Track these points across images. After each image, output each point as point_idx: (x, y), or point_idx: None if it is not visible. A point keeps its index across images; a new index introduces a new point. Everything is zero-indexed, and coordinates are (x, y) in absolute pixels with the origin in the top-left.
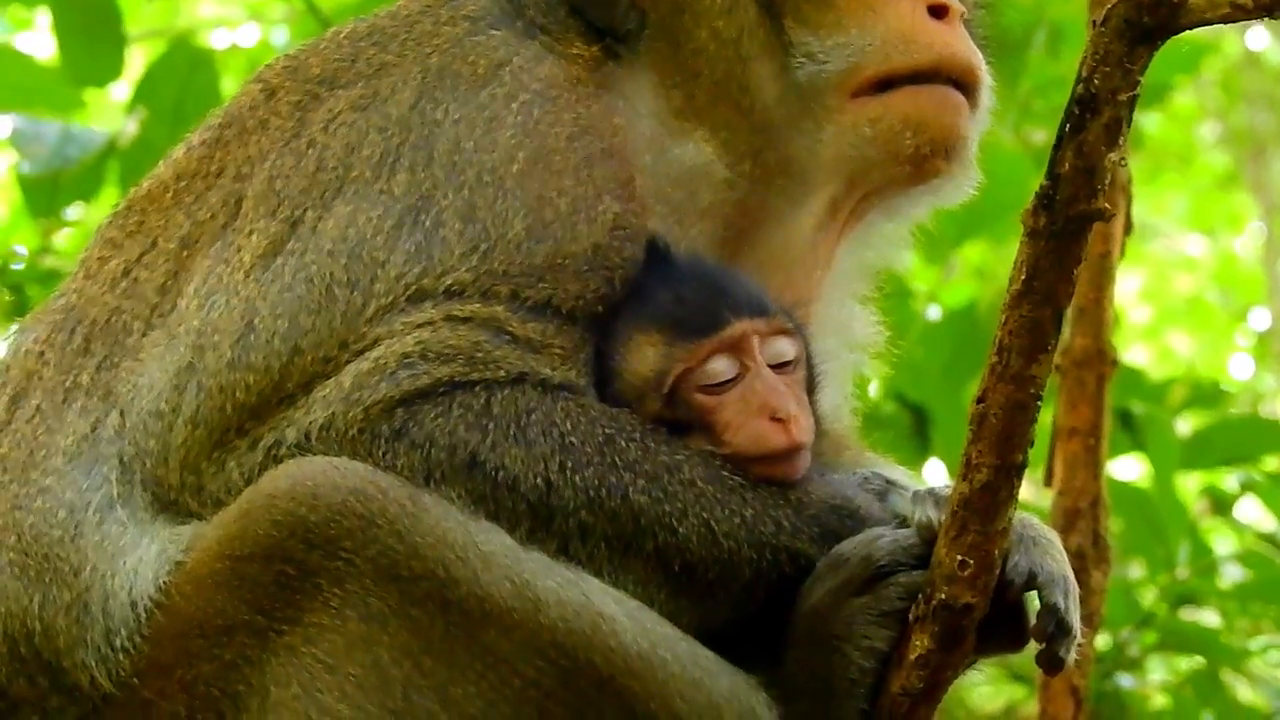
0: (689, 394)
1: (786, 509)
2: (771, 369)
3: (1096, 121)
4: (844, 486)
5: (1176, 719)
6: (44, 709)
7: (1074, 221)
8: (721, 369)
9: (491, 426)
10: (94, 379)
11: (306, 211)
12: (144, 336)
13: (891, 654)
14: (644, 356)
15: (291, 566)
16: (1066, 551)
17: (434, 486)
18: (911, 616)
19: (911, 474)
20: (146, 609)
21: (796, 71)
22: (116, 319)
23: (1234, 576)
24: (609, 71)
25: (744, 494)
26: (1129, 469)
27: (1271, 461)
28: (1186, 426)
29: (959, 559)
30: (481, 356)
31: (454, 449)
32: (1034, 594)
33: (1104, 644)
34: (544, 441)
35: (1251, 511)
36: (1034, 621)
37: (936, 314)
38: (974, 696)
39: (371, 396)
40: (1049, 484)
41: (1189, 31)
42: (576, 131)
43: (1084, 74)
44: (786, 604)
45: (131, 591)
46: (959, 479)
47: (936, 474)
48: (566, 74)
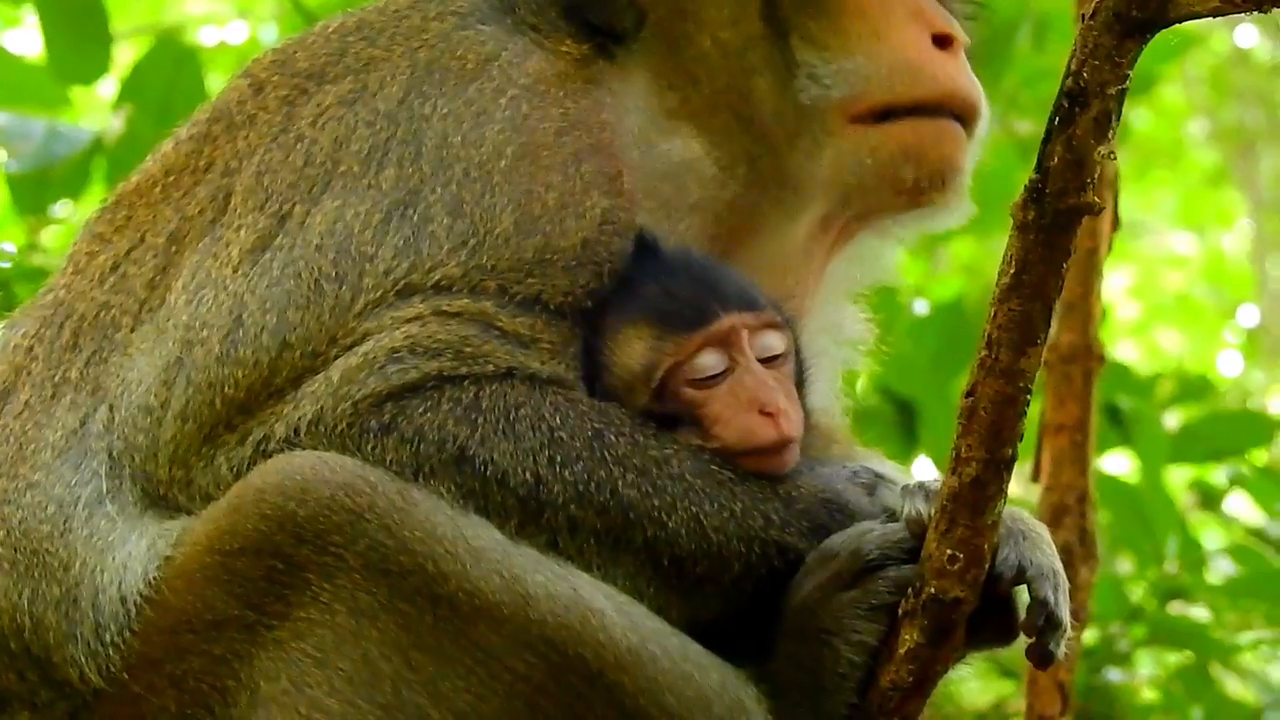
0: (678, 388)
1: (775, 503)
2: (761, 363)
3: (1085, 115)
4: (833, 480)
5: (1165, 714)
6: (33, 703)
7: (1063, 215)
8: (710, 363)
9: (480, 421)
10: (83, 374)
11: (294, 206)
12: (133, 331)
13: (881, 648)
14: (633, 350)
15: (280, 561)
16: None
17: (423, 481)
18: (901, 611)
19: (901, 468)
20: (136, 604)
21: (799, 92)
22: (105, 314)
23: (1223, 571)
24: (598, 69)
25: (733, 488)
26: (1117, 464)
27: (1260, 456)
28: (1174, 421)
29: (948, 553)
30: (470, 351)
31: (443, 443)
32: (1023, 588)
33: (1093, 639)
34: (533, 436)
35: (1240, 506)
36: (1023, 616)
37: (924, 308)
38: (962, 692)
39: (360, 391)
40: (1036, 479)
41: (1178, 25)
42: (565, 127)
43: (1073, 67)
44: (776, 598)
45: (121, 586)
46: (948, 473)
47: (924, 469)
48: (555, 69)
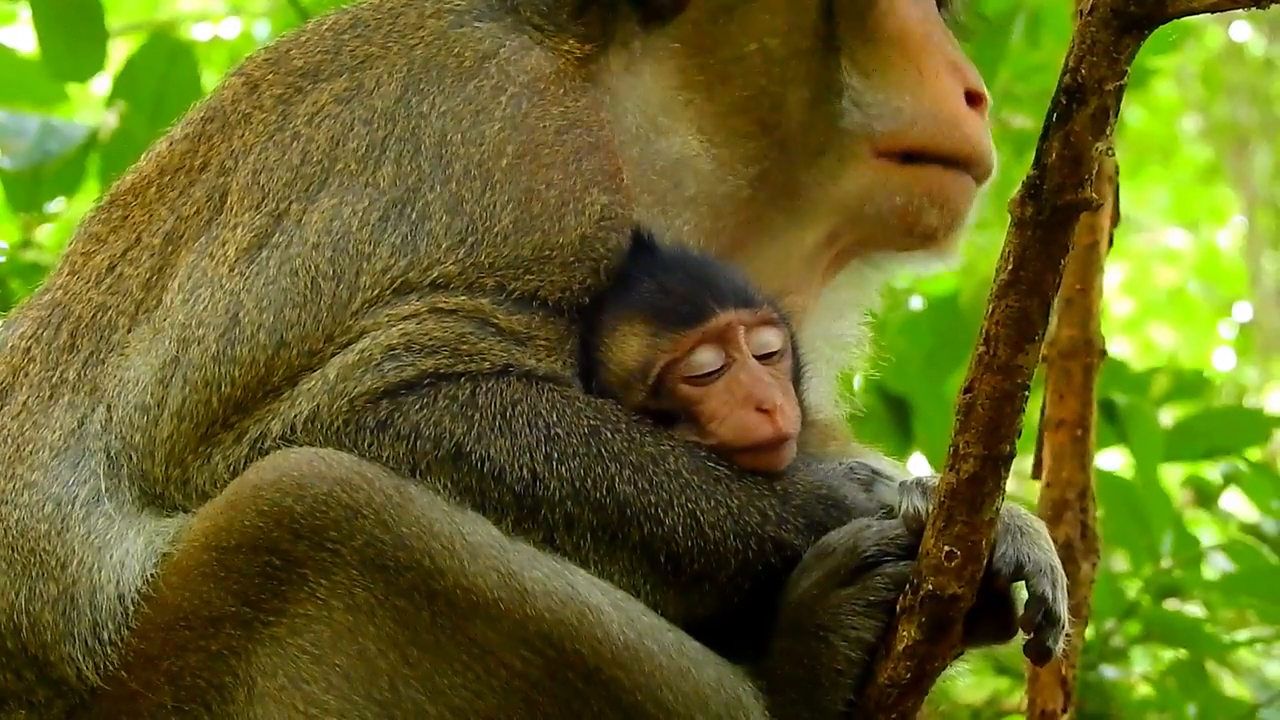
0: (674, 385)
1: (772, 499)
2: (757, 359)
3: (1083, 111)
4: (830, 477)
5: (1160, 710)
6: (30, 702)
7: (1061, 211)
8: (707, 360)
9: (477, 418)
10: (80, 375)
11: (291, 205)
12: (129, 332)
13: (878, 645)
14: (629, 347)
15: (277, 557)
16: (1054, 543)
17: (420, 478)
18: (898, 607)
19: (897, 464)
20: (133, 601)
21: (840, 115)
22: (102, 315)
23: (1218, 568)
24: (597, 66)
25: (730, 484)
26: (1112, 460)
27: (1255, 452)
28: (1169, 418)
29: (946, 549)
30: (466, 348)
31: (439, 440)
32: (1022, 584)
33: (1088, 635)
34: (529, 432)
35: (1236, 503)
36: (1022, 612)
37: (918, 304)
38: (958, 688)
39: (356, 388)
40: (1037, 476)
41: (1175, 21)
42: (565, 125)
43: (1070, 63)
44: (773, 594)
45: (118, 584)
46: (946, 469)
47: (919, 466)
48: (553, 67)
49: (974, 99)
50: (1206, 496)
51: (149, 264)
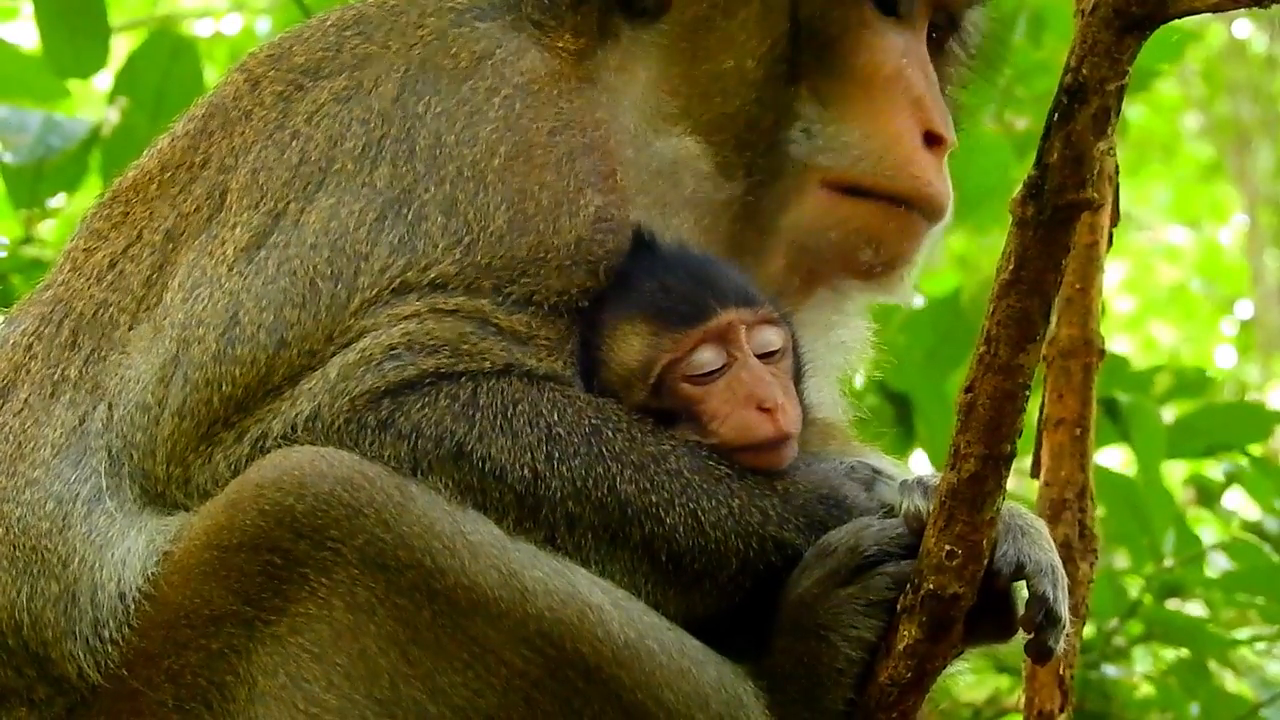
0: (675, 384)
1: (773, 498)
2: (758, 358)
3: (1085, 111)
4: (831, 476)
5: (1162, 709)
6: (31, 699)
7: (1062, 211)
8: (708, 359)
9: (478, 417)
10: (82, 372)
11: (289, 204)
12: (130, 329)
13: (879, 644)
14: (630, 346)
15: (279, 556)
16: (1053, 542)
17: (421, 477)
18: (899, 606)
19: (898, 463)
20: (134, 600)
21: (790, 142)
22: (103, 312)
23: (1220, 566)
24: (595, 65)
25: (731, 484)
26: (1114, 458)
27: (1257, 449)
28: (1171, 416)
29: (947, 549)
30: (467, 348)
31: (441, 439)
32: (1022, 584)
33: (1089, 634)
34: (530, 432)
35: (1238, 502)
36: (1022, 611)
37: (919, 303)
38: (959, 686)
39: (358, 388)
40: (1036, 475)
41: (1177, 22)
42: (558, 126)
43: (1072, 63)
44: (773, 593)
45: (120, 583)
46: (947, 469)
47: (920, 464)
48: (549, 68)
49: (932, 140)
50: (1208, 495)
51: (150, 261)
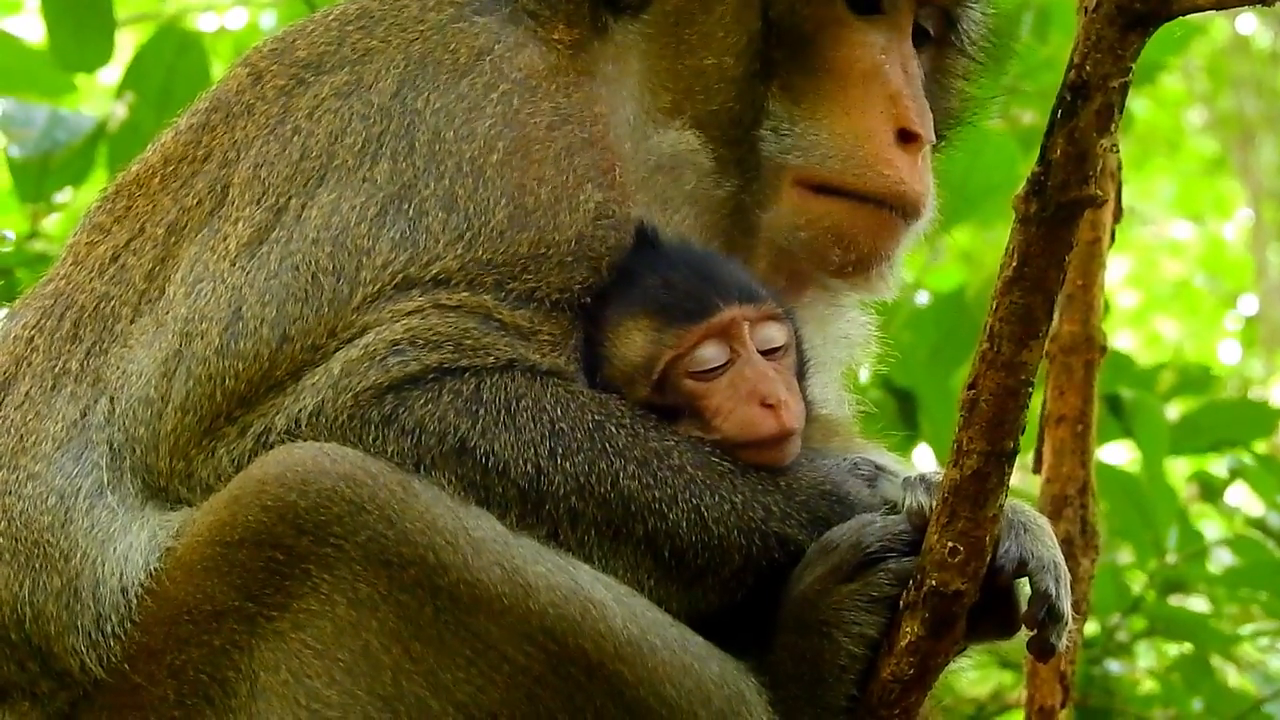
0: (678, 380)
1: (776, 495)
2: (762, 355)
3: (1088, 108)
4: (834, 472)
5: (1165, 705)
6: (33, 694)
7: (1065, 208)
8: (711, 355)
9: (481, 412)
10: (83, 365)
11: (291, 199)
12: (132, 323)
13: (881, 640)
14: (633, 343)
15: (281, 552)
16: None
17: (424, 472)
18: (902, 603)
19: (901, 459)
20: (137, 595)
21: (761, 141)
22: (105, 305)
23: (1223, 562)
24: (592, 57)
25: (734, 480)
26: (1118, 454)
27: (1261, 445)
28: (1175, 412)
29: (949, 545)
30: (470, 343)
31: (444, 435)
32: (1025, 580)
33: (1092, 630)
34: (534, 427)
35: (1241, 497)
36: (1025, 608)
37: (924, 299)
38: (961, 682)
39: (361, 383)
40: (1038, 471)
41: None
42: (557, 121)
43: (1075, 60)
44: (776, 590)
45: (122, 577)
46: (950, 465)
47: (925, 460)
48: (547, 63)
49: (907, 137)
50: (1212, 491)
51: (152, 254)
